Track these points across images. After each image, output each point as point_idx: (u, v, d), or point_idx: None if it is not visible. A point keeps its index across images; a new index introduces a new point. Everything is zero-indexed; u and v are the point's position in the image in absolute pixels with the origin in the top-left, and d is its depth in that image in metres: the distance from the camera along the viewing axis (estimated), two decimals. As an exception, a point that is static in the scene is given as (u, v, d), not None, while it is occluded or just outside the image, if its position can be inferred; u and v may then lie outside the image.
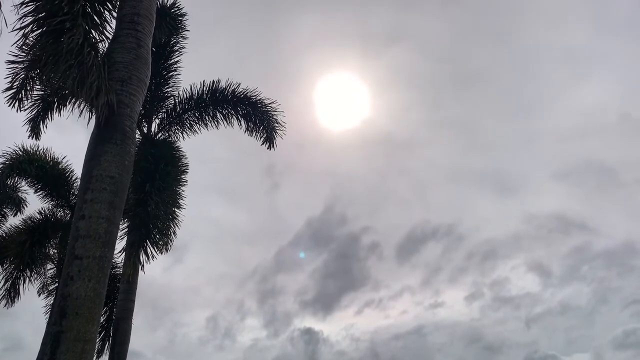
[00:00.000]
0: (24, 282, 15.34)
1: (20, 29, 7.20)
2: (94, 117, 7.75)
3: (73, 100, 9.43)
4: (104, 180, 7.29)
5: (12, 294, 15.11)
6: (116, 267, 16.24)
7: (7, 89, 10.72)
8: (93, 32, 7.78)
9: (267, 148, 14.22)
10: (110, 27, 8.36)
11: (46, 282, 16.79)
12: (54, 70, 7.31)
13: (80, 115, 9.07)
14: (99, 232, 7.00)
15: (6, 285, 15.03)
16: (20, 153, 15.06)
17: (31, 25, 7.21)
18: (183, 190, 14.58)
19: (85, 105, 8.12)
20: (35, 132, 13.29)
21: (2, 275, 15.41)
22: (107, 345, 16.09)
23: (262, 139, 14.25)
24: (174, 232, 14.40)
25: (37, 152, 15.27)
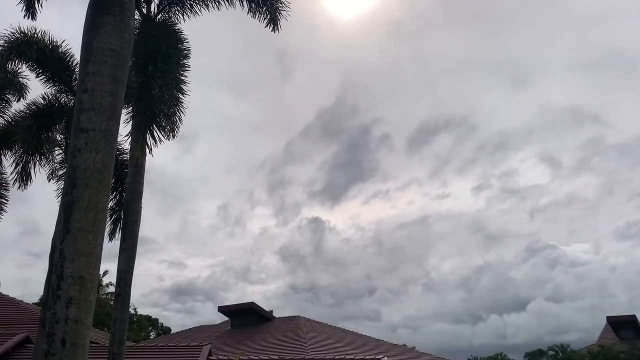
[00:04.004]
0: (34, 166, 15.65)
1: None
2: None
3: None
4: (104, 53, 7.16)
5: (25, 177, 15.48)
6: (123, 153, 16.43)
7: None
8: None
9: (272, 30, 13.76)
10: None
11: (55, 167, 17.12)
12: None
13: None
14: (103, 105, 6.99)
15: (17, 169, 15.35)
16: (18, 35, 14.66)
17: None
18: (186, 76, 14.36)
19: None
20: (30, 11, 12.78)
21: (13, 160, 15.69)
22: (118, 228, 16.65)
23: (266, 20, 13.75)
24: (180, 118, 14.40)
25: (36, 35, 14.85)
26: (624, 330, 43.71)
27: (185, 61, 14.13)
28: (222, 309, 43.13)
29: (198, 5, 14.27)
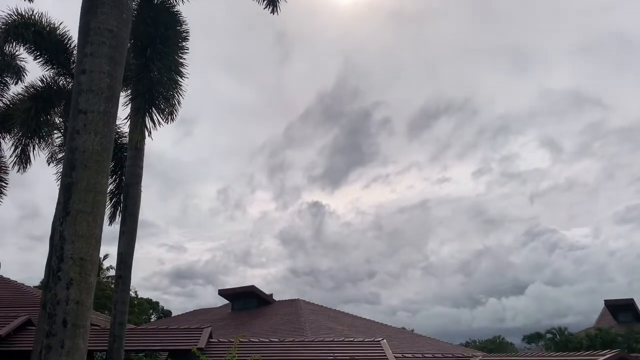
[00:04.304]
0: (33, 149, 15.61)
1: None
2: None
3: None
4: (102, 34, 7.09)
5: (24, 160, 15.45)
6: (122, 136, 16.39)
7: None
8: None
9: (271, 12, 13.59)
10: None
11: (54, 151, 17.09)
12: None
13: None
14: (101, 87, 6.94)
15: (17, 152, 15.31)
16: (15, 17, 14.54)
17: None
18: (185, 59, 14.26)
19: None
20: (27, -8, 12.70)
21: (12, 143, 15.65)
22: (118, 211, 16.66)
23: (265, 2, 13.58)
24: (178, 102, 14.34)
25: (33, 16, 14.73)
26: (621, 313, 44.02)
27: (184, 44, 14.03)
28: (223, 292, 43.39)
29: (196, -14, 14.11)
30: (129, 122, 13.75)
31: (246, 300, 41.46)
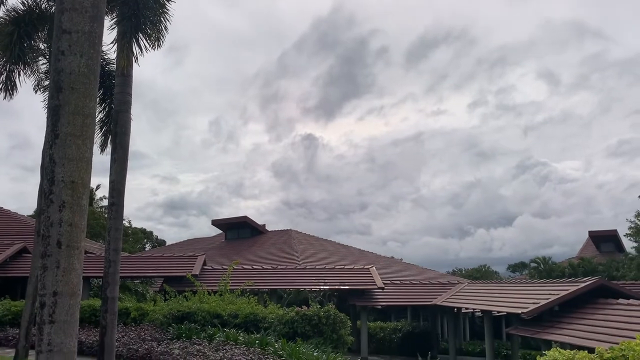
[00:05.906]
0: (19, 76, 15.22)
1: None
2: None
3: None
4: (83, -52, 6.73)
5: (10, 87, 15.10)
6: (110, 63, 16.02)
7: None
8: None
9: None
10: None
11: (41, 78, 16.73)
12: None
13: None
14: (84, 5, 6.65)
15: (2, 78, 14.93)
16: None
17: None
18: (171, -19, 13.71)
19: None
20: None
21: (-4, 69, 15.21)
22: (108, 140, 16.54)
23: None
24: (166, 27, 13.94)
25: None
26: (604, 244, 45.40)
27: (169, -36, 13.44)
28: (216, 223, 44.08)
29: None
30: (115, 48, 13.42)
31: (239, 230, 42.22)
